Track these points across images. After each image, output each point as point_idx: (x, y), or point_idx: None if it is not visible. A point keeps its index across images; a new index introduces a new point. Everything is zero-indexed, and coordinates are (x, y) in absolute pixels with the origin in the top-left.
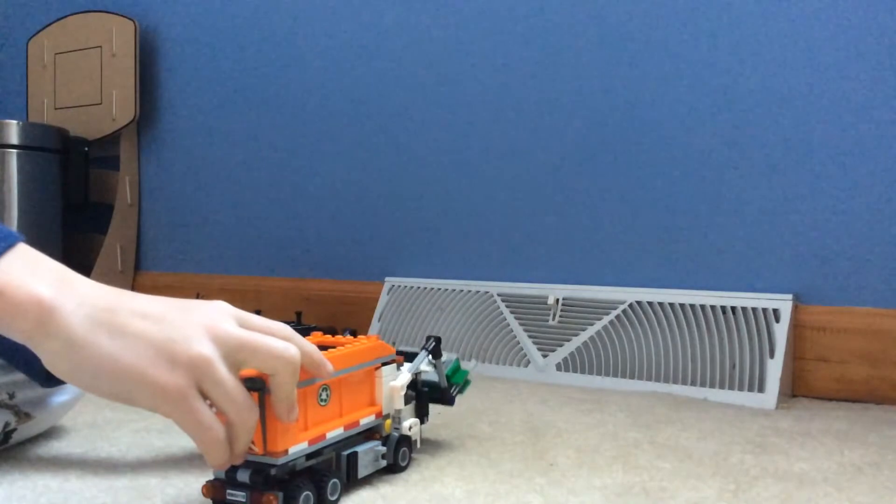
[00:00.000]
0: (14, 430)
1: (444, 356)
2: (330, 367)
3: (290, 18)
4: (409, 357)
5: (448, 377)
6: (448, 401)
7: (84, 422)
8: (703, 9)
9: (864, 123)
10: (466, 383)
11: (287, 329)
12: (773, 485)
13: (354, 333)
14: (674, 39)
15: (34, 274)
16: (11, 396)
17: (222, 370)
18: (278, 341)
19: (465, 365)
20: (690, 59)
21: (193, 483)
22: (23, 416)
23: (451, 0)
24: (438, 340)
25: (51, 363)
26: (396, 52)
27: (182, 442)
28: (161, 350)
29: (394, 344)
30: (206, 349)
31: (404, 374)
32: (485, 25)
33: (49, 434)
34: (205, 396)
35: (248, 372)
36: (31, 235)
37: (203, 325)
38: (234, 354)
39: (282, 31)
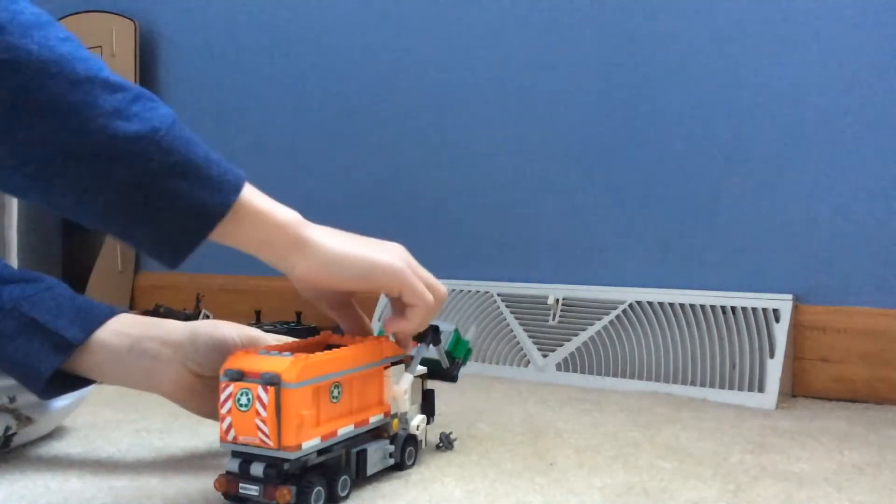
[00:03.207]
0: (15, 433)
1: (442, 327)
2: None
3: (289, 19)
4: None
5: (449, 353)
6: (451, 378)
7: (84, 422)
8: (703, 11)
9: (864, 124)
10: (468, 354)
11: (440, 289)
12: (773, 485)
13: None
14: (674, 40)
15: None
16: (12, 400)
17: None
18: (428, 294)
19: (464, 332)
20: (691, 60)
21: (193, 483)
22: (24, 419)
23: (453, 3)
24: (436, 330)
25: (303, 268)
26: (396, 51)
27: (182, 442)
28: (383, 248)
29: None
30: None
31: (406, 378)
32: (486, 25)
33: (49, 434)
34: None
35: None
36: (31, 236)
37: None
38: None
39: (281, 32)
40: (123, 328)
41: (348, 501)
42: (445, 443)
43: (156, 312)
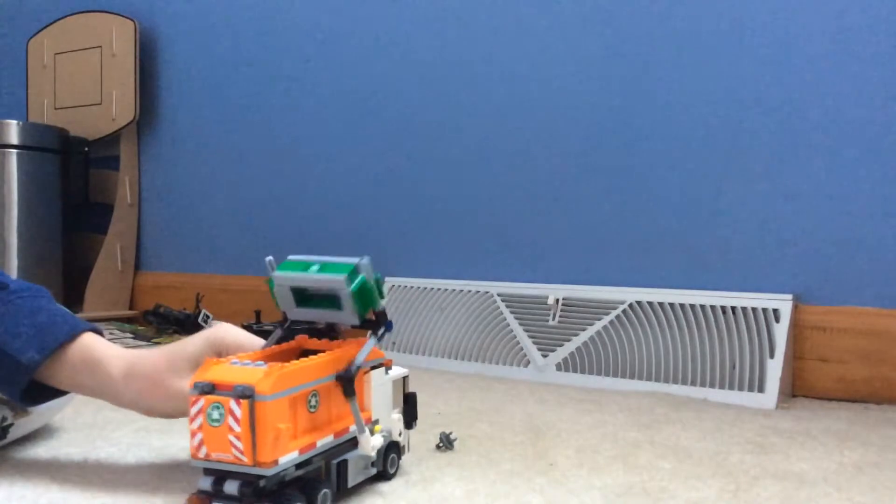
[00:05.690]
0: (11, 424)
1: (336, 284)
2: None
3: (290, 20)
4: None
5: (362, 313)
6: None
7: (84, 422)
8: (701, 13)
9: (863, 123)
10: (380, 285)
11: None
12: (773, 485)
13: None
14: (673, 41)
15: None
16: None
17: None
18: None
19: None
20: (689, 61)
21: (194, 484)
22: (20, 411)
23: (454, 4)
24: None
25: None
26: (397, 55)
27: (182, 442)
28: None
29: (393, 344)
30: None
31: (377, 438)
32: (488, 30)
33: (49, 434)
34: None
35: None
36: (31, 235)
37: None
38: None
39: (282, 32)
40: (75, 362)
41: (345, 501)
42: (445, 443)
43: (156, 312)
